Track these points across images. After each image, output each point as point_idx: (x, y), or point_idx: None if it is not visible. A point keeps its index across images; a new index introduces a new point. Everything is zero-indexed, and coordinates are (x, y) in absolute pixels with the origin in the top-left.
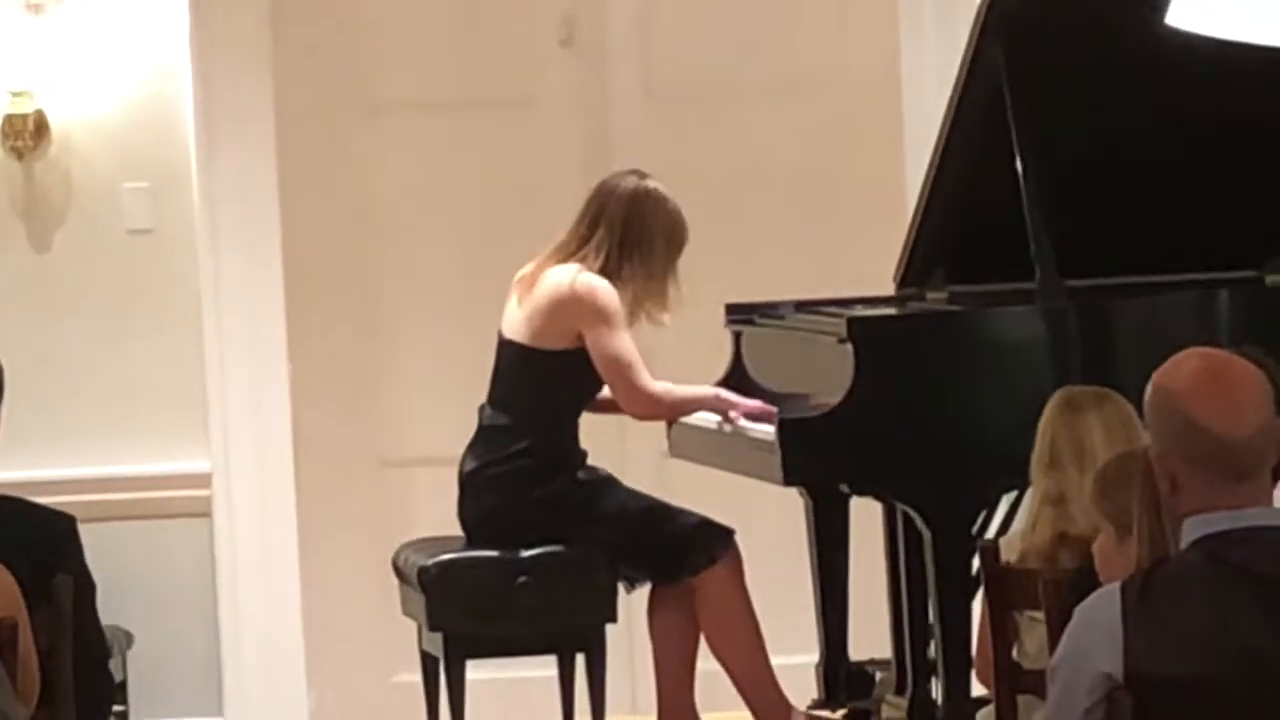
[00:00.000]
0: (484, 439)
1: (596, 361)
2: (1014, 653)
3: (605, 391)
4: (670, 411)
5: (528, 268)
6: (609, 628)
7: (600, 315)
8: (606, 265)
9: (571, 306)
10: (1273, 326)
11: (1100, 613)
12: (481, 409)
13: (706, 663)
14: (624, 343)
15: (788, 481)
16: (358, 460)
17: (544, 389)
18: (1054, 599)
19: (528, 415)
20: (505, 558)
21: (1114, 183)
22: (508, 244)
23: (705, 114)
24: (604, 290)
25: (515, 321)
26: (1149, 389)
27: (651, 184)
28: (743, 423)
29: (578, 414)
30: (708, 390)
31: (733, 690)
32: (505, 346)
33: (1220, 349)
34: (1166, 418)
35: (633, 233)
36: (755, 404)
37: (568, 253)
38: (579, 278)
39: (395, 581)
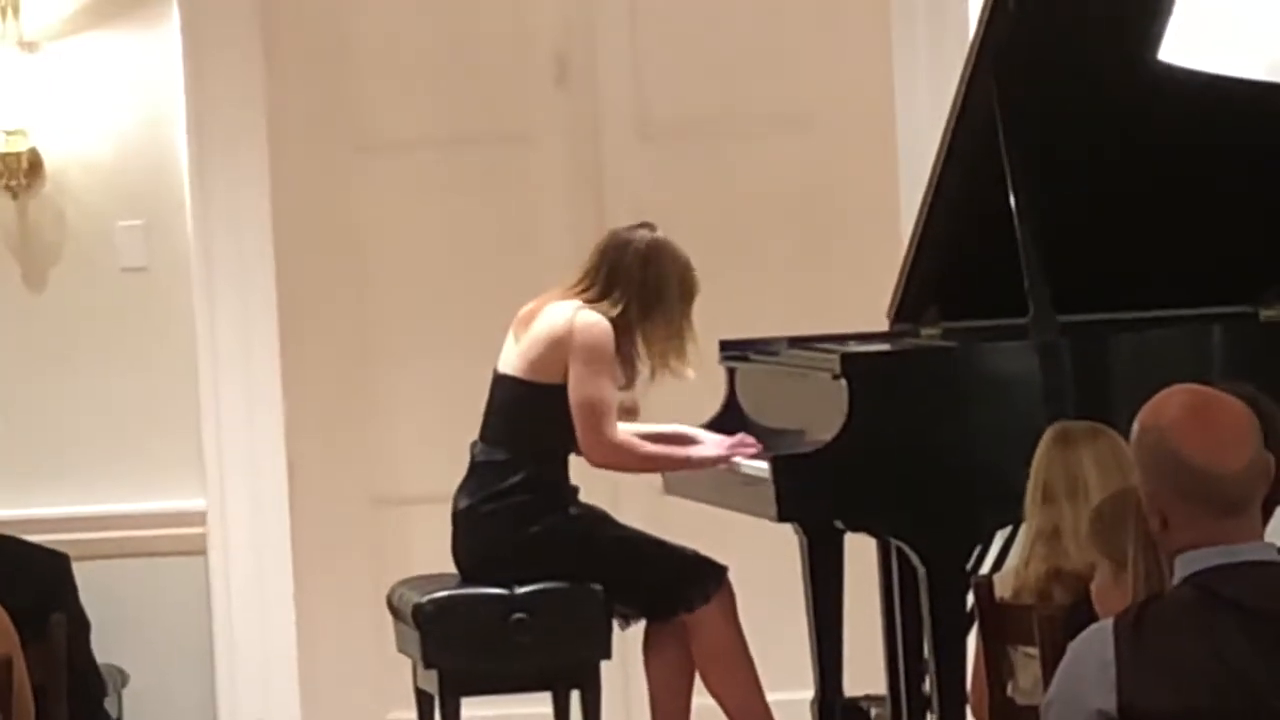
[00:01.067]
0: (477, 475)
1: (571, 398)
2: (1008, 688)
3: None
4: (633, 464)
5: (529, 305)
6: (604, 664)
7: (589, 353)
8: (625, 319)
9: (567, 339)
10: (1267, 361)
11: (1093, 649)
12: (474, 445)
13: (702, 699)
14: (603, 388)
15: (782, 518)
16: (352, 498)
17: (538, 424)
18: (1048, 635)
19: (522, 450)
20: (500, 595)
21: (1108, 217)
22: (502, 280)
23: (698, 150)
24: (602, 331)
25: (511, 356)
26: (1135, 427)
27: (662, 236)
28: (737, 459)
29: (569, 449)
30: (675, 453)
31: None
32: (500, 381)
33: (1209, 385)
34: (1155, 456)
35: (651, 289)
36: (730, 449)
37: (573, 292)
38: (580, 313)
39: (390, 619)
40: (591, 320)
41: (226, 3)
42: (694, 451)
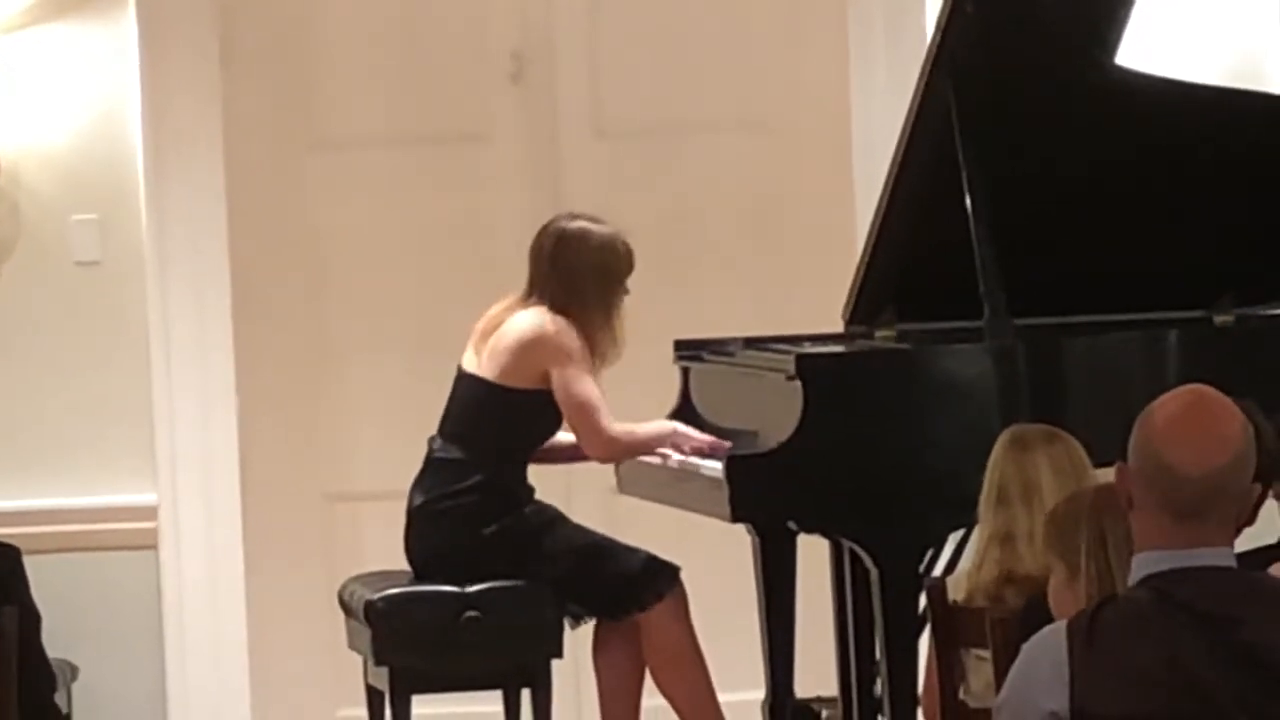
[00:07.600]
0: (432, 472)
1: (562, 402)
2: (960, 691)
3: (551, 441)
4: (629, 454)
5: (495, 309)
6: (555, 664)
7: (568, 356)
8: (564, 314)
9: (540, 346)
10: (1220, 367)
11: (1046, 651)
12: (431, 440)
13: (653, 699)
14: (590, 386)
15: (735, 518)
16: (305, 494)
17: (501, 425)
18: (1000, 637)
19: (481, 451)
20: (452, 593)
21: (1063, 221)
22: (457, 279)
23: (655, 150)
24: (569, 332)
25: (479, 356)
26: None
27: (574, 225)
28: (691, 459)
29: (529, 454)
30: (664, 426)
31: None
32: (465, 379)
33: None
34: (1138, 436)
35: (564, 282)
36: (709, 439)
37: (523, 299)
38: (549, 319)
39: (341, 615)
40: (561, 324)
41: None
42: (682, 426)
